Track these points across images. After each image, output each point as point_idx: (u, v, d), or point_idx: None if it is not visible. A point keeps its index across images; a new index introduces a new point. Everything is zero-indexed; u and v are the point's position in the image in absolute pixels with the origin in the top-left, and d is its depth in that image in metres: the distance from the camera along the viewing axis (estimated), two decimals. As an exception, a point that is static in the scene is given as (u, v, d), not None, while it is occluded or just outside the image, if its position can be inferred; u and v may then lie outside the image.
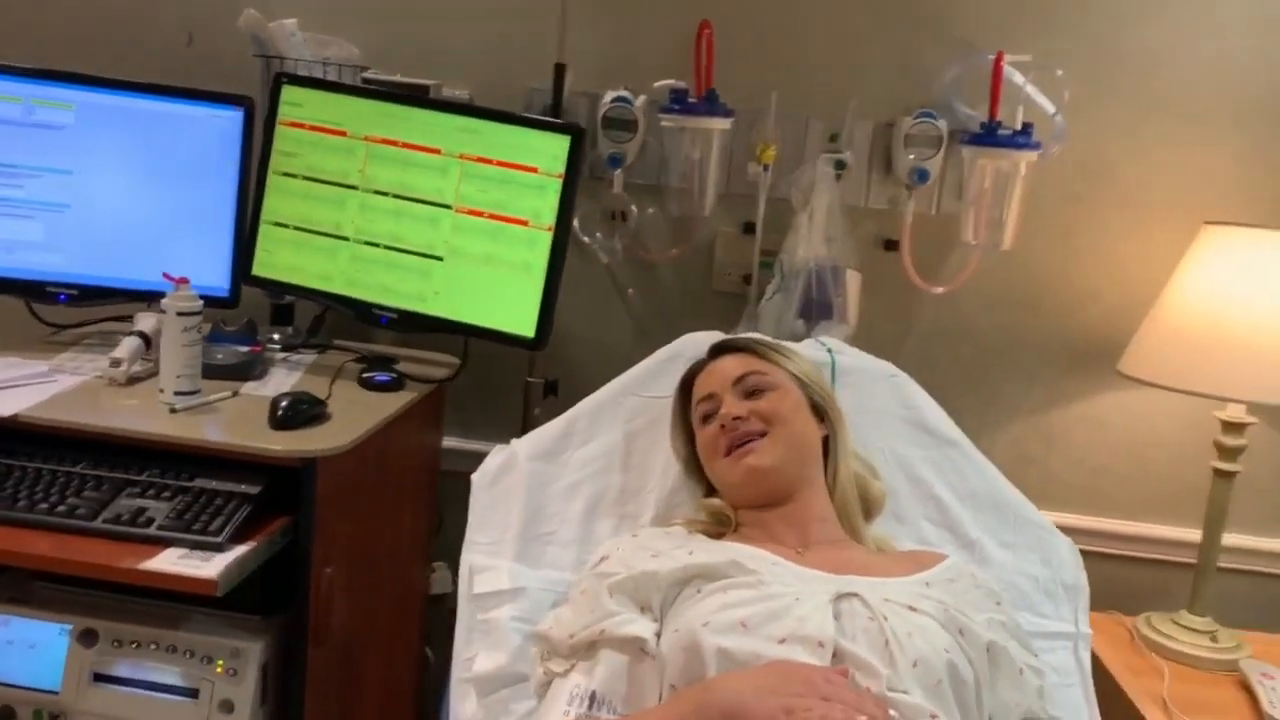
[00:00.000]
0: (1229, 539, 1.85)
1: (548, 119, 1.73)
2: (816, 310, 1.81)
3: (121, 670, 1.46)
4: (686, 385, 1.51)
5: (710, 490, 1.46)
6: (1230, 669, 1.79)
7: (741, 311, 1.93)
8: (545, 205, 1.66)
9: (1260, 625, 1.94)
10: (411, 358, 1.89)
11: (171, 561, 1.34)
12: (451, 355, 1.94)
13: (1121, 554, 2.02)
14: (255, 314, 1.86)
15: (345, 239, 1.74)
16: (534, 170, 1.66)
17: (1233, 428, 1.79)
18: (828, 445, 1.45)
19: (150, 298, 1.71)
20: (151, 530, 1.38)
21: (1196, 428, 1.93)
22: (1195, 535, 1.87)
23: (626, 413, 1.55)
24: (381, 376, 1.73)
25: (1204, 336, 1.73)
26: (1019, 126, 1.80)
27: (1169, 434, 1.99)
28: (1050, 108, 1.84)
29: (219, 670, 1.47)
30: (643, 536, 1.35)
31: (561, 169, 1.65)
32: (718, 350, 1.52)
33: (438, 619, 2.09)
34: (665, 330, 2.00)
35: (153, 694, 1.45)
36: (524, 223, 1.67)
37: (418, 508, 1.91)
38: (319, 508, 1.46)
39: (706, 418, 1.41)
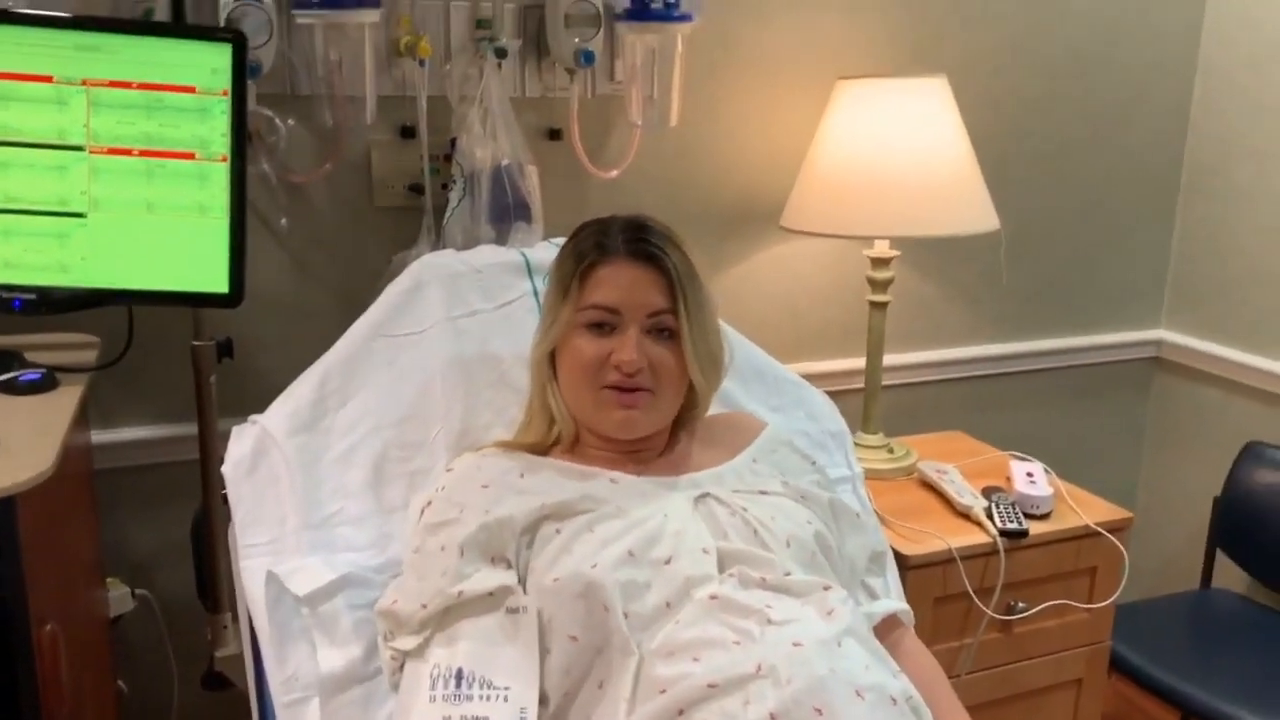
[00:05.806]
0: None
1: (199, 25, 1.42)
2: (514, 212, 1.70)
3: None
4: (583, 270, 1.21)
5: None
6: (909, 473, 2.03)
7: (418, 225, 1.76)
8: (212, 131, 1.37)
9: (907, 430, 2.22)
10: (34, 345, 1.50)
11: None
12: (81, 334, 1.58)
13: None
14: None
15: (-68, 207, 1.32)
16: (190, 90, 1.36)
17: (880, 262, 1.98)
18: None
19: None
20: None
21: (838, 268, 2.14)
22: (850, 365, 2.08)
23: (382, 358, 1.35)
24: (29, 375, 1.36)
25: (850, 183, 1.88)
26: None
27: (820, 281, 2.17)
28: (688, -21, 1.85)
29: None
30: (460, 468, 1.21)
31: (226, 84, 1.37)
32: (636, 249, 1.21)
33: (118, 644, 1.76)
34: (328, 261, 1.81)
35: None
36: (189, 155, 1.37)
37: (90, 522, 1.56)
38: (26, 554, 1.13)
39: (597, 327, 1.19)
